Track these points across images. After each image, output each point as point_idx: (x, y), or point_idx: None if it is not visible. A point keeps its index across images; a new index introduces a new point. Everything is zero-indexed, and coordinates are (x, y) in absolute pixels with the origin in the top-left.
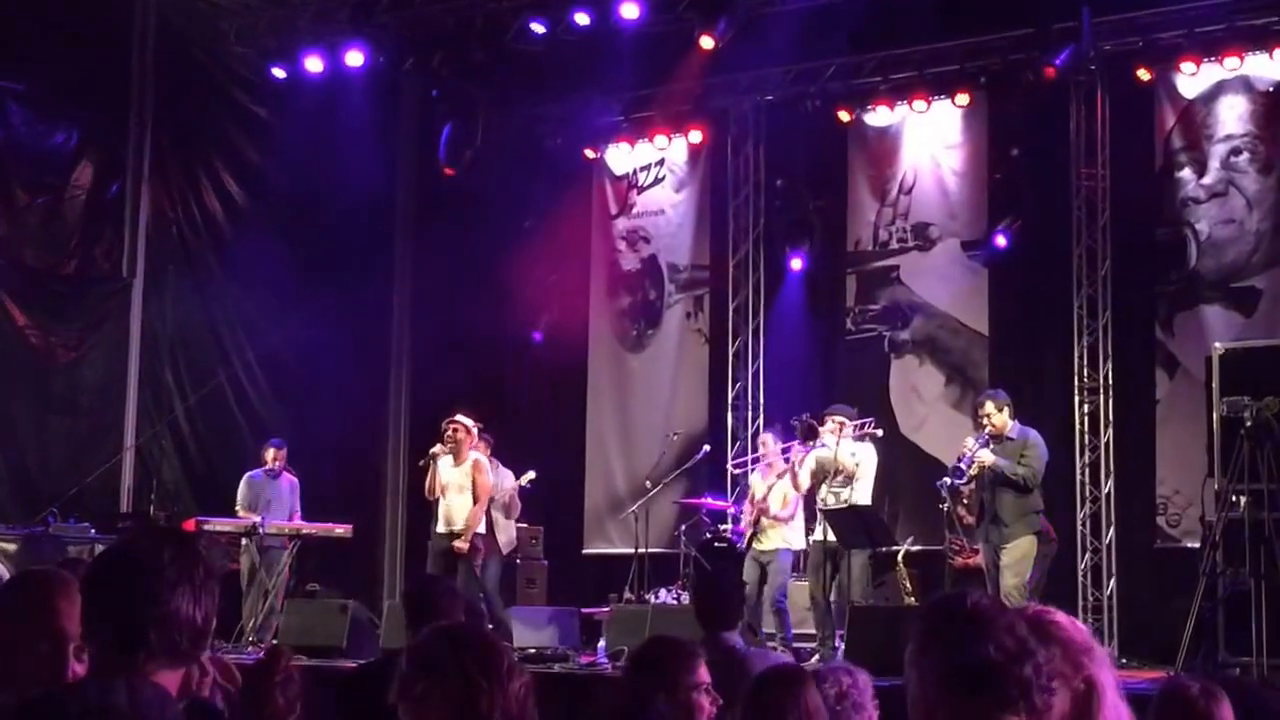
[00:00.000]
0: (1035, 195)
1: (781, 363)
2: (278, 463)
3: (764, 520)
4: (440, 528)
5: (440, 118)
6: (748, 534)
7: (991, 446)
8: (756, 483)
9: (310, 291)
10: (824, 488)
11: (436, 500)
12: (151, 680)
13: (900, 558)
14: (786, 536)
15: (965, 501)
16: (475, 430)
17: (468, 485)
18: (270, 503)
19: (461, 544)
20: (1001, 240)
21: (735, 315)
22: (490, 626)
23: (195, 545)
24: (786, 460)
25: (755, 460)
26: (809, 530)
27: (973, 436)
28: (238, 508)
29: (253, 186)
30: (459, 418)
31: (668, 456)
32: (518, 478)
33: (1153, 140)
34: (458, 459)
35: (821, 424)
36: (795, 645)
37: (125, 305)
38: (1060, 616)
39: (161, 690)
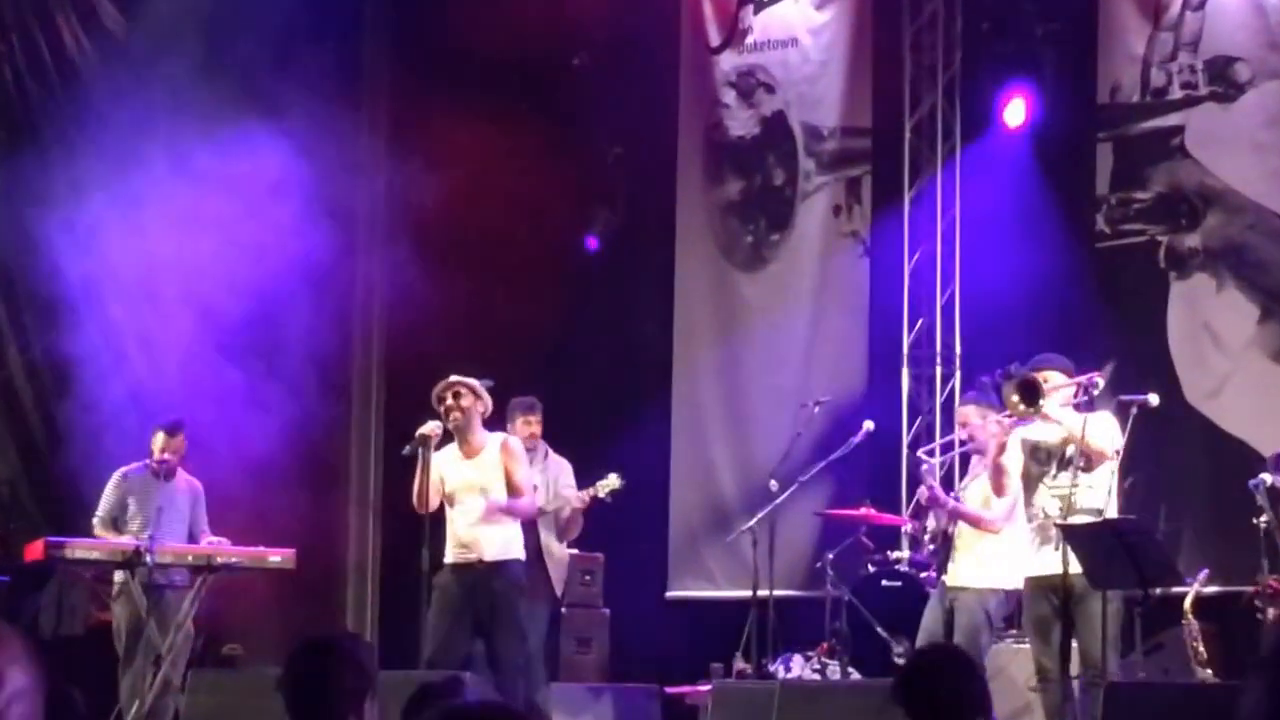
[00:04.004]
0: None
1: (989, 287)
2: (170, 454)
3: (958, 533)
4: (452, 555)
5: None
6: (927, 541)
7: None
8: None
9: (225, 173)
10: (1042, 488)
11: (438, 512)
12: None
13: (1188, 604)
14: (989, 564)
15: None
16: (485, 391)
17: (497, 482)
18: (161, 515)
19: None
20: None
21: (914, 210)
22: (524, 711)
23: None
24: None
25: (961, 445)
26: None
27: None
28: (96, 522)
29: (135, 3)
30: (458, 377)
31: (805, 440)
32: (586, 483)
33: None
34: (468, 444)
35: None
36: None
37: None
38: None
39: None
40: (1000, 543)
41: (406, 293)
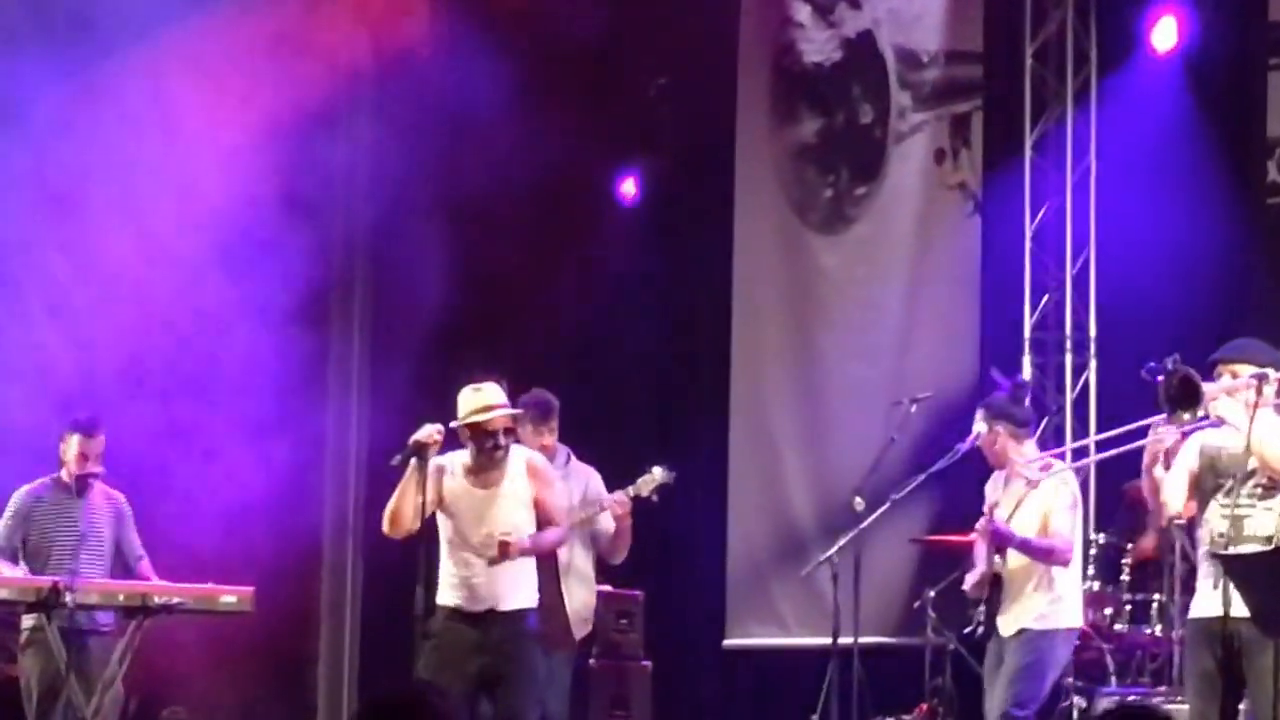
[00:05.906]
0: None
1: (1132, 254)
2: (91, 462)
3: (1006, 571)
4: (454, 598)
5: None
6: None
7: None
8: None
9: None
10: (1214, 505)
11: (419, 536)
12: None
13: None
14: (1051, 605)
15: None
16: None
17: (525, 518)
18: (83, 543)
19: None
20: None
21: (1036, 156)
22: None
23: None
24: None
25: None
26: (1184, 593)
27: None
28: None
29: None
30: (496, 398)
31: (899, 448)
32: (619, 485)
33: None
34: (487, 472)
35: (1215, 376)
36: None
37: None
38: None
39: None
40: (1063, 576)
41: (396, 258)
